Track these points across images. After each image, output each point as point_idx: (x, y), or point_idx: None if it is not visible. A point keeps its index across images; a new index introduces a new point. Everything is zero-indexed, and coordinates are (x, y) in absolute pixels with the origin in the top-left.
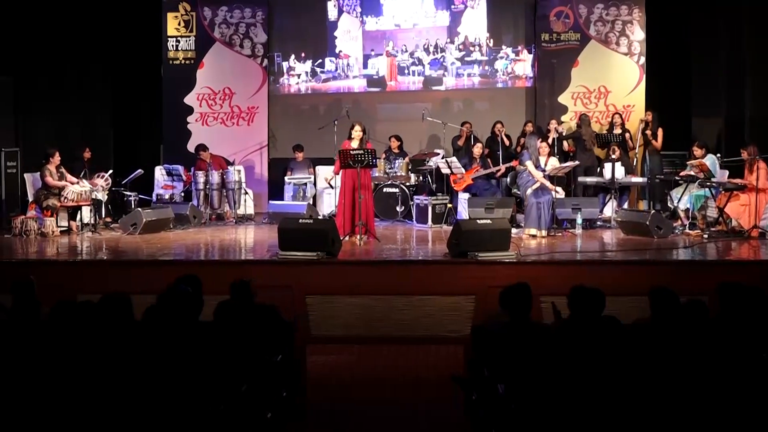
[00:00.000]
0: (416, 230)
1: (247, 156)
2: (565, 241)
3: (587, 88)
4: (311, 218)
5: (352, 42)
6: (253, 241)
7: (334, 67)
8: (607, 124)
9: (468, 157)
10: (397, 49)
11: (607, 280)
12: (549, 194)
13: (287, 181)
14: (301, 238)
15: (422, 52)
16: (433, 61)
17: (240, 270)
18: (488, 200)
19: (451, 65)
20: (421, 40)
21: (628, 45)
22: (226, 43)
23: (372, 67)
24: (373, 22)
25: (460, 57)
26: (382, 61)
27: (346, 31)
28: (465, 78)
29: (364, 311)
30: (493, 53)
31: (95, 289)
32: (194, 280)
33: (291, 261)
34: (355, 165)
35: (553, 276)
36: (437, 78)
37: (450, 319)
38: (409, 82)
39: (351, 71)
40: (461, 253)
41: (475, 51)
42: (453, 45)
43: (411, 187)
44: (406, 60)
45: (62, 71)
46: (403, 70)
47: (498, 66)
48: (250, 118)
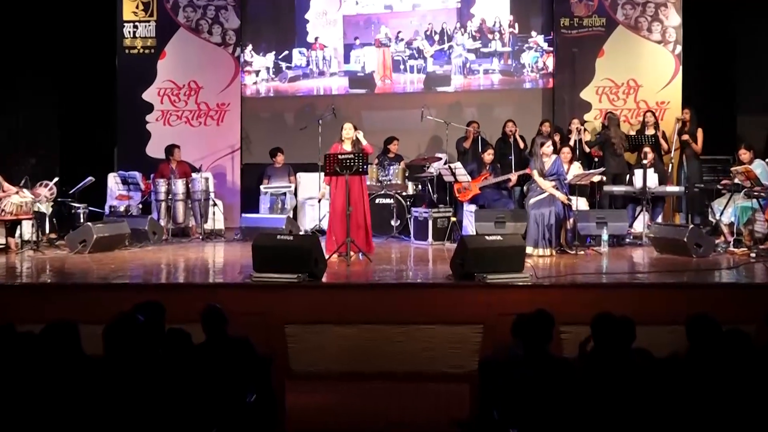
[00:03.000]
0: (414, 248)
1: (216, 161)
2: (589, 261)
3: (614, 81)
4: (291, 234)
5: (329, 28)
6: (223, 261)
7: (304, 62)
8: (637, 124)
9: (475, 162)
10: (390, 38)
11: (637, 307)
12: (554, 206)
13: (263, 191)
14: (280, 258)
15: (424, 42)
16: (439, 53)
17: (208, 295)
18: (499, 213)
19: (461, 58)
20: (423, 26)
21: (662, 31)
22: (192, 29)
23: (356, 61)
24: (352, 2)
25: (475, 48)
26: (369, 53)
27: (321, 13)
28: (480, 76)
29: (353, 343)
30: (518, 42)
31: (37, 318)
32: (155, 307)
33: (267, 284)
34: (343, 172)
35: (574, 302)
36: (443, 76)
37: (454, 352)
38: (405, 81)
39: (328, 67)
40: (467, 274)
41: (495, 39)
42: (465, 32)
43: (408, 198)
44: (402, 52)
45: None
46: (398, 66)
47: (525, 59)
48: (219, 116)
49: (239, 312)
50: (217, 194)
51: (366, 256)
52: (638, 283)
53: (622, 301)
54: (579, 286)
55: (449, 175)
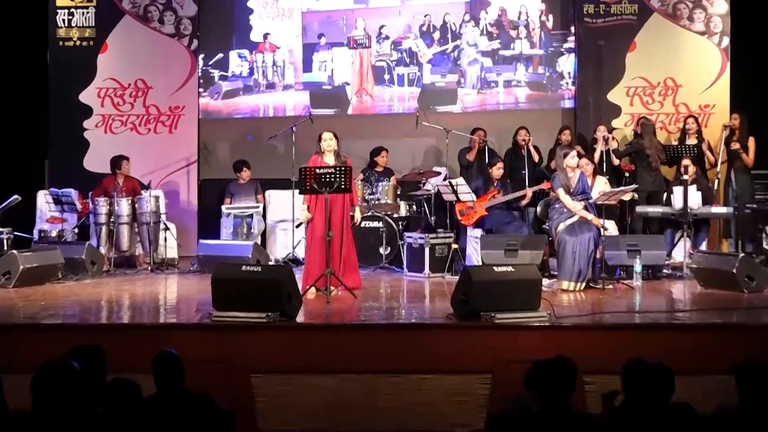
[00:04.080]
0: (407, 281)
1: (168, 176)
2: (618, 297)
3: (648, 81)
4: (259, 264)
5: (283, 21)
6: (177, 297)
7: (246, 70)
8: (677, 132)
9: (481, 177)
10: (369, 35)
11: (676, 353)
12: (590, 231)
13: (225, 212)
14: (245, 293)
15: (418, 41)
16: (440, 56)
17: (158, 338)
18: (509, 239)
19: (475, 66)
20: (417, 19)
21: (706, 21)
22: (140, 17)
23: (321, 68)
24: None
25: (492, 50)
26: (341, 57)
27: (270, 1)
28: (500, 90)
29: (334, 396)
30: (553, 42)
31: None
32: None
33: (230, 325)
34: (322, 189)
35: (600, 346)
36: (446, 90)
37: (456, 406)
38: (392, 96)
39: (280, 77)
40: (471, 313)
41: (520, 38)
42: (478, 27)
43: (400, 221)
44: (387, 55)
45: None
46: (382, 75)
47: (564, 66)
48: (173, 122)
49: (196, 359)
50: (170, 216)
51: (349, 291)
52: (678, 324)
53: (658, 346)
54: (607, 327)
55: (450, 193)
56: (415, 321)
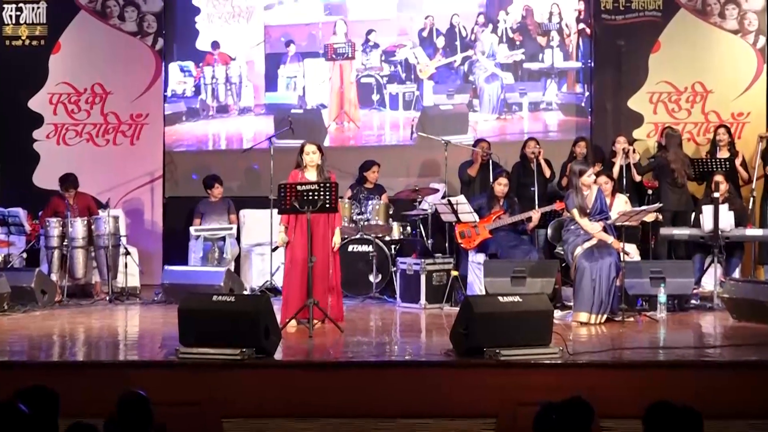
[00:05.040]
0: (401, 313)
1: (129, 194)
2: (640, 331)
3: (674, 86)
4: (232, 294)
5: (240, 24)
6: (139, 331)
7: (191, 89)
8: (707, 144)
9: (485, 195)
10: (350, 43)
11: (706, 394)
12: (611, 256)
13: (194, 234)
14: (216, 327)
15: (417, 50)
16: (445, 71)
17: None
18: (517, 265)
19: (494, 84)
20: (414, 22)
21: (740, 18)
22: (98, 13)
23: (289, 85)
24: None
25: (514, 61)
26: (316, 70)
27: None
28: (525, 113)
29: None
30: (595, 52)
31: None
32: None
33: (199, 363)
34: (304, 208)
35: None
36: (455, 115)
37: None
38: (383, 123)
39: (235, 97)
40: (473, 349)
41: (552, 46)
42: (495, 34)
43: (393, 244)
44: (376, 69)
45: None
46: (369, 95)
47: None
48: (135, 132)
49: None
50: (131, 239)
51: (335, 324)
52: (707, 362)
53: (685, 387)
54: (627, 365)
55: (449, 212)
56: (410, 358)
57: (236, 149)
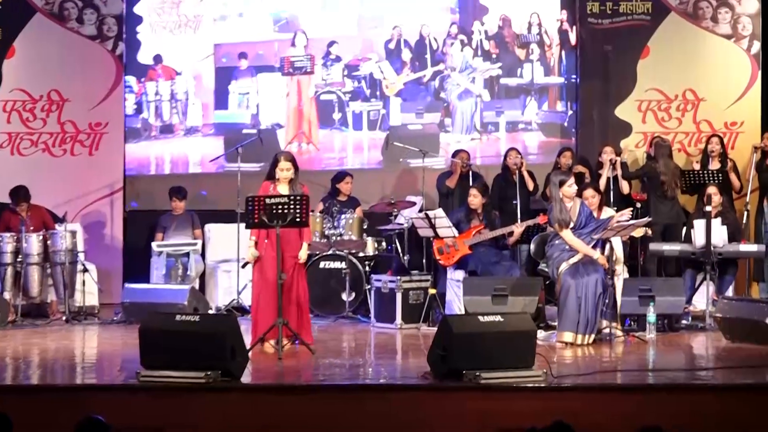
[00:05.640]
0: (375, 333)
1: (88, 207)
2: (629, 353)
3: (664, 93)
4: (197, 313)
5: (186, 33)
6: (97, 353)
7: (132, 106)
8: (698, 155)
9: (464, 209)
10: (309, 57)
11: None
12: (597, 273)
13: (156, 250)
14: (180, 348)
15: (384, 65)
16: (414, 87)
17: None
18: (498, 283)
19: (468, 100)
20: (380, 33)
21: (733, 22)
22: (55, 16)
23: (241, 103)
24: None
25: (490, 77)
26: (271, 86)
27: (167, 6)
28: (502, 134)
29: None
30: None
31: None
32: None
33: (162, 386)
34: (273, 222)
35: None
36: (425, 136)
37: None
38: (344, 144)
39: (180, 115)
40: (452, 372)
41: (532, 60)
42: (470, 46)
43: (367, 261)
44: (337, 84)
45: None
46: (329, 113)
47: None
48: (93, 142)
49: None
50: (89, 255)
51: (306, 345)
52: (700, 385)
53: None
54: (615, 389)
55: (426, 227)
56: (385, 381)
57: (182, 173)
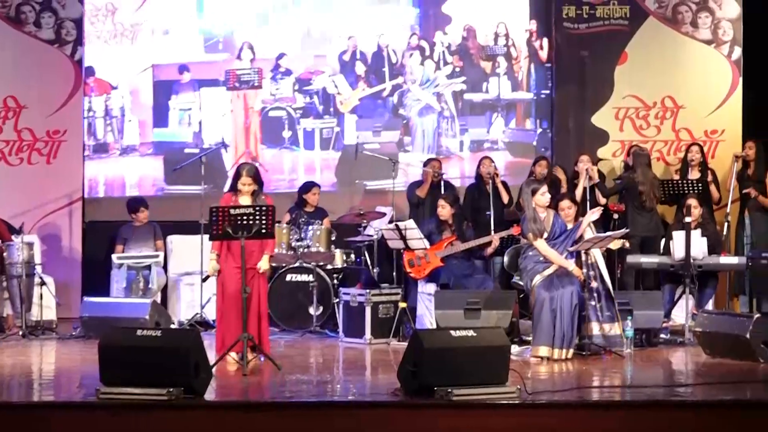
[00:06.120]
0: (344, 348)
1: (46, 218)
2: (605, 368)
3: (642, 100)
4: (159, 328)
5: (121, 46)
6: (55, 369)
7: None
8: (677, 164)
9: (435, 220)
10: (257, 70)
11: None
12: (573, 285)
13: (117, 262)
14: (141, 364)
15: (338, 78)
16: (371, 103)
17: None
18: (471, 296)
19: (426, 115)
20: (334, 44)
21: (713, 27)
22: (11, 20)
23: (182, 120)
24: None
25: (453, 92)
26: (215, 101)
27: (101, 14)
28: (466, 154)
29: None
30: (550, 81)
31: None
32: None
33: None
34: (238, 234)
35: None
36: (384, 155)
37: None
38: (295, 164)
39: (116, 133)
40: (423, 388)
41: (498, 74)
42: (431, 59)
43: (335, 273)
44: (287, 99)
45: None
46: (278, 131)
47: None
48: (51, 150)
49: None
50: (47, 268)
51: (271, 360)
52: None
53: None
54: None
55: (397, 239)
56: (354, 398)
57: (118, 197)
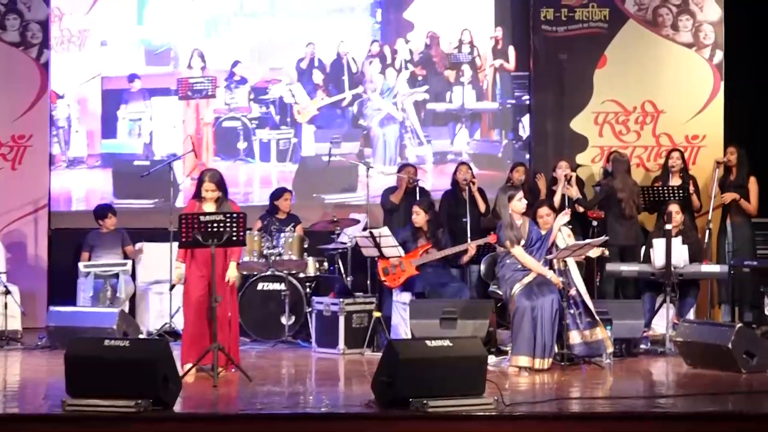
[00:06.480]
0: (317, 359)
1: (10, 225)
2: (585, 379)
3: (622, 105)
4: (127, 338)
5: (68, 53)
6: (20, 381)
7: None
8: (658, 170)
9: (410, 227)
10: (210, 79)
11: None
12: (553, 293)
13: (83, 271)
14: (109, 375)
15: (295, 87)
16: (330, 113)
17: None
18: (447, 305)
19: (388, 125)
20: (291, 51)
21: (694, 30)
22: None
23: (132, 131)
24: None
25: (415, 102)
26: (166, 111)
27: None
28: (429, 167)
29: None
30: (516, 90)
31: None
32: None
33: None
34: (208, 242)
35: None
36: (342, 169)
37: None
38: (251, 178)
39: (62, 145)
40: (398, 400)
41: (463, 83)
42: (393, 67)
43: (308, 282)
44: (241, 109)
45: None
46: (234, 142)
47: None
48: (16, 156)
49: None
50: (11, 276)
51: (242, 371)
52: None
53: None
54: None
55: (371, 246)
56: (326, 410)
57: (63, 211)
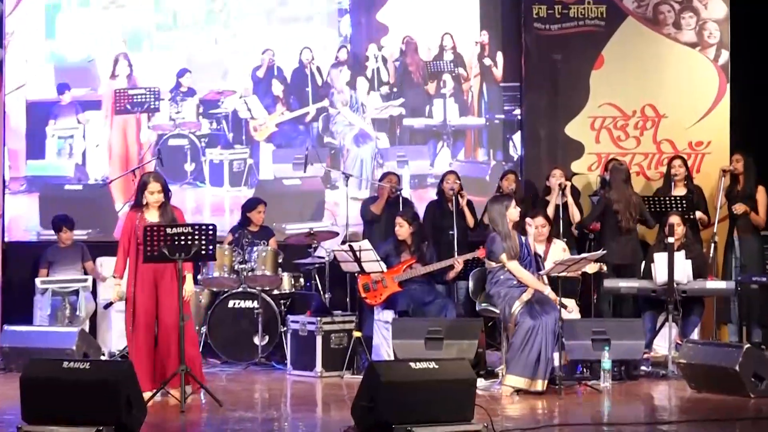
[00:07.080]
0: (292, 382)
1: None
2: (580, 404)
3: (620, 109)
4: (87, 360)
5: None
6: None
7: None
8: (659, 179)
9: (393, 241)
10: (152, 90)
11: None
12: (554, 311)
13: (41, 287)
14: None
15: (251, 100)
16: (292, 129)
17: None
18: (432, 324)
19: (361, 145)
20: (248, 58)
21: (698, 28)
22: None
23: (62, 150)
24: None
25: (389, 117)
26: (100, 127)
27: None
28: (407, 191)
29: None
30: (504, 102)
31: None
32: None
33: None
34: (176, 256)
35: None
36: (306, 195)
37: None
38: (200, 204)
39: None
40: (380, 426)
41: (444, 96)
42: (364, 77)
43: (282, 299)
44: (190, 125)
45: None
46: (181, 162)
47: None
48: None
49: None
50: None
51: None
52: None
53: None
54: None
55: (351, 261)
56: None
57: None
